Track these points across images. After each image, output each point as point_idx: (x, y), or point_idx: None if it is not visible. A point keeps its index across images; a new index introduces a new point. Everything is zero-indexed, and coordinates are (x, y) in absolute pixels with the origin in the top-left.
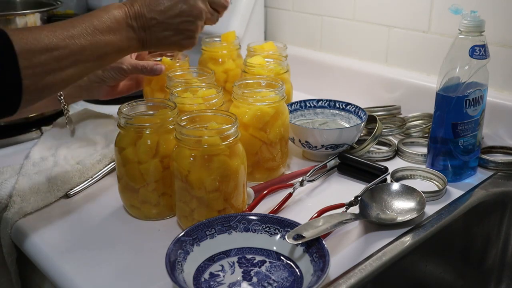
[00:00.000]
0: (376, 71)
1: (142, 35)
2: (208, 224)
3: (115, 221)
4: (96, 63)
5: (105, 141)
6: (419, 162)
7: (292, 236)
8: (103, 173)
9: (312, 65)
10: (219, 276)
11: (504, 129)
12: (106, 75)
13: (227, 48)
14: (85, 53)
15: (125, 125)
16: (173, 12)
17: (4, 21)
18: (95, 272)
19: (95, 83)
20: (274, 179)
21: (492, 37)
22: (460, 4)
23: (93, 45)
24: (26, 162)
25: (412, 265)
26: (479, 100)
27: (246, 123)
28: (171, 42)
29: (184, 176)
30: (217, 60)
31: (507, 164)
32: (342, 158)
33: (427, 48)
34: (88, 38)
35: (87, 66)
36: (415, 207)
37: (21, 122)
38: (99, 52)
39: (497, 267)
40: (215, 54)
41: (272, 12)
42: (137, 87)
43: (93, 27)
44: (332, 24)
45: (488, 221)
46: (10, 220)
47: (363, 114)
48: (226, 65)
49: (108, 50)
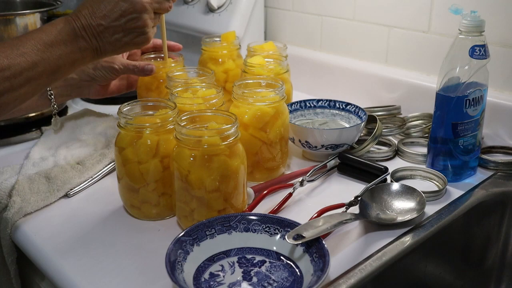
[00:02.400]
0: (376, 71)
1: (94, 43)
2: (208, 224)
3: (115, 221)
4: (50, 77)
5: (105, 141)
6: (419, 162)
7: (292, 236)
8: (103, 173)
9: (312, 65)
10: (219, 276)
11: (504, 129)
12: (97, 74)
13: (227, 48)
14: (37, 69)
15: (125, 125)
16: (116, 14)
17: (4, 21)
18: (95, 272)
19: (85, 81)
20: (274, 179)
21: (492, 37)
22: (460, 4)
23: (45, 60)
24: (26, 162)
25: (412, 265)
26: (479, 100)
27: (246, 123)
28: (125, 43)
29: (184, 176)
30: (217, 60)
31: (507, 164)
32: (342, 158)
33: (427, 48)
34: (39, 54)
35: (40, 82)
36: (415, 207)
37: (21, 122)
38: (51, 66)
39: (497, 267)
40: (215, 54)
41: (272, 12)
42: (128, 88)
43: (43, 42)
44: (332, 24)
45: (488, 221)
46: (10, 220)
47: (363, 114)
48: (226, 65)
49: (61, 63)
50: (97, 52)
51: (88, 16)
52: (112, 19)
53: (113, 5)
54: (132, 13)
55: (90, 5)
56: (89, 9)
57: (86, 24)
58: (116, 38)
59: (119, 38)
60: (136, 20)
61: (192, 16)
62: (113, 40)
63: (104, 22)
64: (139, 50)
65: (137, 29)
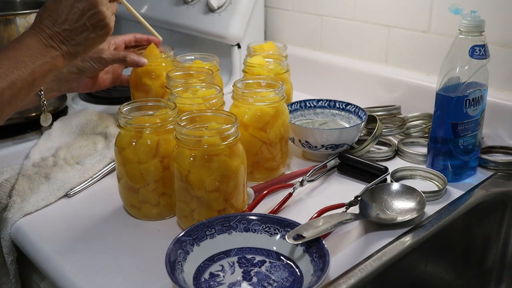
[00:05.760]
0: (376, 71)
1: (64, 49)
2: (208, 224)
3: (115, 221)
4: (28, 91)
5: (105, 141)
6: (419, 162)
7: (292, 236)
8: (103, 173)
9: (312, 65)
10: (219, 276)
11: (504, 129)
12: (85, 66)
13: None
14: (16, 86)
15: (125, 125)
16: (76, 15)
17: (4, 21)
18: (95, 272)
19: (73, 74)
20: (274, 179)
21: (492, 37)
22: (460, 4)
23: (21, 76)
24: (26, 162)
25: (412, 265)
26: (479, 100)
27: (246, 123)
28: (92, 40)
29: (184, 176)
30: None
31: (507, 164)
32: (342, 158)
33: (427, 48)
34: (15, 72)
35: (20, 98)
36: (415, 207)
37: (21, 122)
38: (28, 81)
39: (497, 267)
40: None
41: (272, 12)
42: (114, 81)
43: (16, 59)
44: (332, 24)
45: (488, 221)
46: (10, 220)
47: (363, 114)
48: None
49: (36, 76)
50: (69, 56)
51: (51, 25)
52: (74, 20)
53: (70, 7)
54: (90, 9)
55: (48, 15)
56: (49, 18)
57: (52, 33)
58: (83, 38)
59: (86, 37)
60: (96, 14)
61: (192, 16)
62: (80, 40)
63: (68, 26)
64: (123, 45)
65: (99, 23)
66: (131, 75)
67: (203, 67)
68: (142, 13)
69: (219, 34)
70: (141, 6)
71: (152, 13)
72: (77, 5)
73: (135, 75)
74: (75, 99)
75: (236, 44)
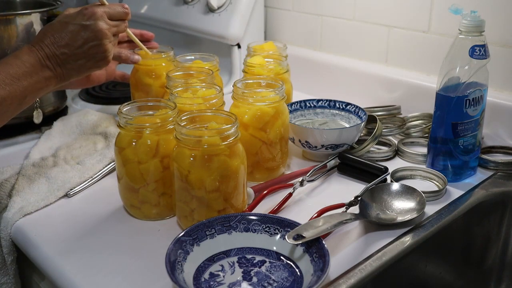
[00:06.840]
0: (376, 71)
1: (59, 71)
2: (208, 224)
3: (115, 221)
4: (16, 108)
5: (105, 141)
6: (419, 162)
7: (292, 236)
8: (103, 173)
9: (312, 65)
10: (219, 276)
11: (504, 129)
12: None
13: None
14: (5, 103)
15: (125, 125)
16: (78, 42)
17: (4, 21)
18: (95, 272)
19: None
20: (274, 179)
21: (492, 37)
22: (460, 4)
23: (12, 93)
24: (26, 162)
25: (412, 265)
26: (479, 100)
27: (246, 123)
28: (87, 68)
29: (184, 176)
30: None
31: (507, 164)
32: (342, 158)
33: (427, 48)
34: (6, 88)
35: (8, 114)
36: (415, 207)
37: (21, 122)
38: (18, 98)
39: (497, 267)
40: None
41: (272, 12)
42: (109, 77)
43: (10, 75)
44: (332, 24)
45: (488, 221)
46: (10, 220)
47: (363, 114)
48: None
49: (27, 93)
50: (61, 79)
51: (51, 45)
52: (75, 47)
53: (75, 33)
54: (93, 40)
55: (51, 34)
56: (51, 38)
57: (50, 54)
58: (79, 64)
59: (83, 64)
60: (98, 46)
61: (192, 16)
62: (76, 66)
63: (67, 51)
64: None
65: (99, 54)
66: (131, 75)
67: (203, 67)
68: (142, 13)
69: (219, 34)
70: (141, 6)
71: (152, 13)
72: (82, 34)
73: (135, 75)
74: (75, 99)
75: (236, 44)
